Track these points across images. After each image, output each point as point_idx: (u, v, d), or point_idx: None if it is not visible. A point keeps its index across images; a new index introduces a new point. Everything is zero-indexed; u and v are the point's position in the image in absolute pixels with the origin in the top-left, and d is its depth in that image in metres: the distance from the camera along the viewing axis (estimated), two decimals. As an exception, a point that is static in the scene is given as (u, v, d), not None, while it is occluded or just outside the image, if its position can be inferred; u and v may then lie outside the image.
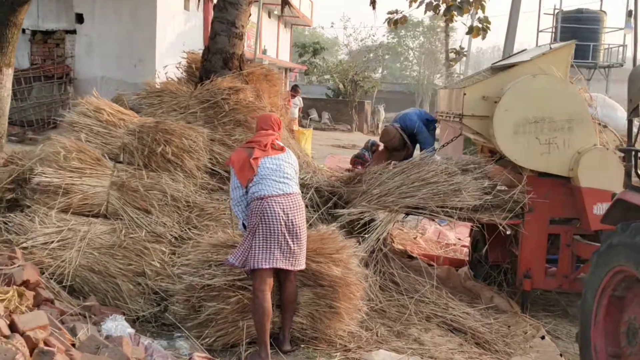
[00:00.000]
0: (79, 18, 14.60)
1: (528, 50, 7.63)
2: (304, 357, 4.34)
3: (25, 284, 3.52)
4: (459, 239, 9.11)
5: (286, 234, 4.01)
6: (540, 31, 20.82)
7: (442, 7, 21.67)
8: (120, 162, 5.46)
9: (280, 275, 4.20)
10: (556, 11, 20.83)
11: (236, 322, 4.27)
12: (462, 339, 5.37)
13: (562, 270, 6.20)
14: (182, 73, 7.68)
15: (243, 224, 4.26)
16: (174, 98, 6.47)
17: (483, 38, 21.97)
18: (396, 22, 23.27)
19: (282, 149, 4.33)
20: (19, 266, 3.64)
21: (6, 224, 4.74)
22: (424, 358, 4.74)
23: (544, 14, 20.56)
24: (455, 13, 21.33)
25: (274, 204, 4.00)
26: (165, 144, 5.43)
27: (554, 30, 20.69)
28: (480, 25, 21.75)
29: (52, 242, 4.71)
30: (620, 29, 20.06)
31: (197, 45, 17.31)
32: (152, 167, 5.42)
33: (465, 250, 8.41)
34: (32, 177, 4.97)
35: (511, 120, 5.87)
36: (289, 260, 4.07)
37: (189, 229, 5.29)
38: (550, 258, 6.32)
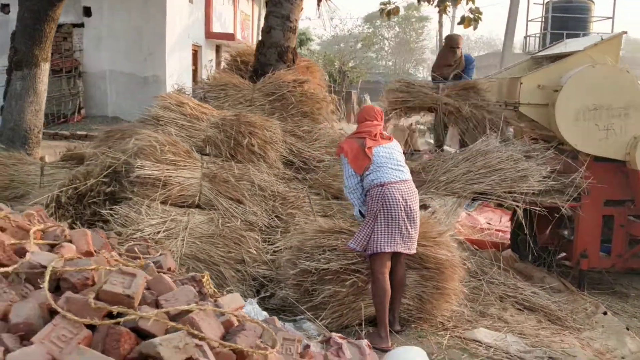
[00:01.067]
0: (87, 11, 14.49)
1: (568, 41, 7.94)
2: (415, 336, 4.57)
3: (170, 270, 3.66)
4: (489, 224, 9.45)
5: (405, 219, 4.23)
6: (530, 21, 21.23)
7: (436, -1, 21.99)
8: (206, 154, 5.59)
9: (392, 259, 4.41)
10: (546, 1, 21.26)
11: (351, 303, 4.48)
12: (536, 317, 5.66)
13: (617, 249, 6.55)
14: (225, 67, 7.81)
15: (359, 211, 4.46)
16: (239, 91, 6.61)
17: (475, 28, 22.42)
18: (389, 13, 23.56)
19: (389, 138, 4.55)
20: (161, 254, 3.78)
21: (112, 216, 4.84)
22: (515, 335, 5.02)
23: (534, 3, 20.94)
24: (449, 4, 21.69)
25: (394, 190, 4.22)
26: (250, 136, 5.57)
27: (543, 20, 21.13)
28: (471, 16, 22.16)
29: (159, 232, 4.84)
30: (609, 17, 20.55)
31: (200, 37, 17.35)
32: (238, 159, 5.57)
33: (500, 234, 8.74)
34: (130, 171, 5.07)
35: (572, 107, 6.17)
36: (406, 244, 4.29)
37: (276, 217, 5.47)
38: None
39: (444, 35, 22.59)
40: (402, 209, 4.22)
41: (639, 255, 6.53)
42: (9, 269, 2.50)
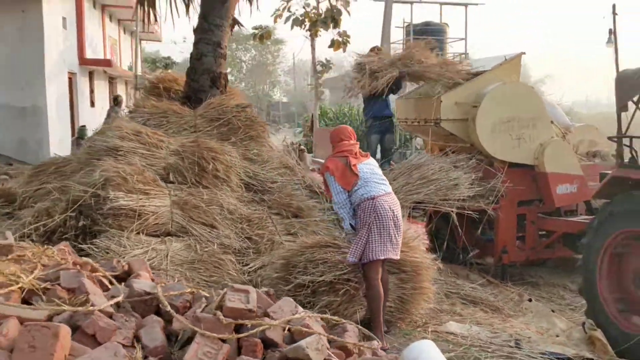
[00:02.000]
0: (-45, 39, 13.33)
1: (477, 60, 8.89)
2: (401, 334, 4.98)
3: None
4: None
5: (394, 228, 4.63)
6: (392, 43, 22.84)
7: (307, 23, 22.95)
8: (170, 182, 5.61)
9: (379, 265, 4.78)
10: (406, 24, 23.01)
11: (344, 311, 4.77)
12: (481, 309, 6.33)
13: (529, 243, 7.47)
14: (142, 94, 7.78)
15: (350, 224, 4.78)
16: (181, 118, 6.66)
17: (344, 51, 23.62)
18: (262, 37, 24.08)
19: (366, 156, 4.94)
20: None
21: (93, 249, 4.73)
22: (473, 324, 5.62)
23: (395, 27, 22.53)
24: (321, 28, 22.68)
25: (383, 202, 4.61)
26: (213, 161, 5.69)
27: (404, 42, 22.81)
28: (340, 39, 23.34)
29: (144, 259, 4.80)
30: (462, 39, 22.69)
31: (74, 64, 16.64)
32: (204, 184, 5.65)
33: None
34: (101, 203, 4.99)
35: (489, 121, 7.01)
36: (395, 250, 4.69)
37: (246, 238, 5.62)
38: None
39: (316, 58, 23.63)
40: (391, 219, 4.62)
41: (549, 247, 7.50)
42: (120, 298, 2.54)
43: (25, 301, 2.45)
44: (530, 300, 6.94)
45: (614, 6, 5.67)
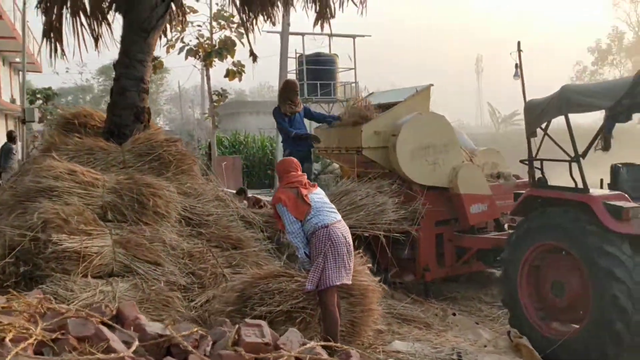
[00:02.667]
0: None
1: (385, 92, 9.39)
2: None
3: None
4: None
5: (346, 254, 4.85)
6: (289, 72, 23.32)
7: (202, 54, 22.93)
8: (109, 220, 5.47)
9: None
10: (298, 55, 23.63)
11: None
12: (415, 326, 6.67)
13: (448, 260, 7.98)
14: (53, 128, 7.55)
15: (305, 253, 4.92)
16: (108, 154, 6.51)
17: (240, 80, 23.79)
18: (155, 67, 23.69)
19: (314, 186, 5.14)
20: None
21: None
22: (414, 342, 5.93)
23: (289, 57, 23.07)
24: (216, 59, 22.73)
25: (336, 230, 4.81)
26: (152, 197, 5.63)
27: (297, 71, 23.42)
28: (235, 69, 23.52)
29: (92, 304, 4.65)
30: (351, 68, 23.66)
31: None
32: (144, 221, 5.57)
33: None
34: (42, 246, 4.79)
35: (408, 148, 7.47)
36: (349, 276, 4.90)
37: (190, 273, 5.60)
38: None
39: (212, 88, 23.56)
40: (344, 245, 4.84)
41: (465, 263, 8.04)
42: (136, 342, 2.53)
43: (36, 353, 2.37)
44: (454, 314, 7.40)
45: (518, 43, 6.33)
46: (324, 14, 8.65)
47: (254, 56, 9.28)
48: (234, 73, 22.71)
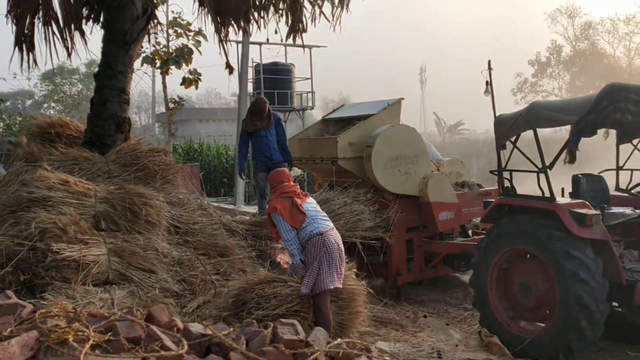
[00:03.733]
0: None
1: (351, 106, 9.73)
2: (344, 357, 5.43)
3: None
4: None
5: (339, 260, 5.13)
6: (250, 80, 23.41)
7: (158, 61, 22.82)
8: (102, 230, 5.58)
9: (318, 295, 5.23)
10: (255, 64, 23.80)
11: (295, 341, 5.14)
12: (392, 328, 7.02)
13: (417, 265, 8.38)
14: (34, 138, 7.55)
15: (300, 259, 5.17)
16: (93, 164, 6.59)
17: (196, 88, 23.72)
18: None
19: (307, 195, 5.41)
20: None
21: (42, 304, 4.59)
22: (395, 342, 6.26)
23: (249, 67, 23.19)
24: (173, 67, 22.65)
25: (330, 237, 5.09)
26: (144, 206, 5.77)
27: (254, 80, 23.56)
28: (191, 77, 23.47)
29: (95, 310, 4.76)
30: (308, 78, 23.98)
31: None
32: (137, 230, 5.70)
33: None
34: (42, 256, 4.87)
35: (382, 159, 7.84)
36: (340, 280, 5.18)
37: (182, 281, 5.75)
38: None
39: (168, 96, 23.45)
40: (337, 251, 5.12)
41: (434, 267, 8.46)
42: (185, 345, 2.73)
43: (93, 355, 2.54)
44: (425, 316, 7.79)
45: (489, 62, 6.77)
46: (296, 28, 8.92)
47: (230, 68, 9.45)
48: (191, 81, 22.70)
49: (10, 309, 3.11)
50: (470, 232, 8.88)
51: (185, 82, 23.86)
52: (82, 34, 8.31)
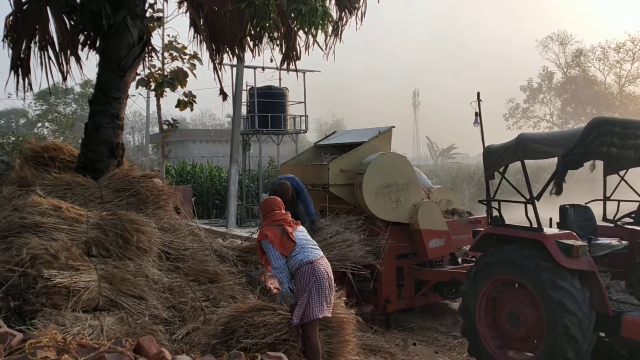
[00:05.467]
0: None
1: (343, 133, 9.85)
2: (332, 387, 5.46)
3: None
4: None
5: (329, 289, 5.17)
6: (243, 103, 23.55)
7: (153, 84, 22.98)
8: (93, 256, 5.61)
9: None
10: (249, 87, 23.98)
11: (284, 369, 5.15)
12: (380, 356, 7.03)
13: (407, 292, 8.42)
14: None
15: (289, 288, 5.20)
16: (85, 189, 6.63)
17: (191, 110, 23.84)
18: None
19: (298, 224, 5.46)
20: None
21: (32, 330, 4.60)
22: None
23: (243, 90, 23.36)
24: (168, 89, 22.80)
25: (320, 266, 5.13)
26: (136, 233, 5.80)
27: (248, 104, 23.70)
28: (186, 99, 23.60)
29: (83, 339, 4.77)
30: (301, 102, 24.15)
31: None
32: (127, 256, 5.73)
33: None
34: (32, 282, 4.89)
35: (373, 186, 7.92)
36: (329, 309, 5.21)
37: (172, 307, 5.77)
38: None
39: (163, 117, 23.53)
40: (327, 280, 5.16)
41: (423, 295, 8.50)
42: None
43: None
44: (414, 344, 7.81)
45: (478, 94, 6.91)
46: (290, 55, 9.06)
47: (223, 95, 9.57)
48: (185, 103, 22.82)
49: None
50: (460, 259, 8.94)
51: (180, 105, 23.99)
52: (78, 59, 8.42)
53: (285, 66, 9.34)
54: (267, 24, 6.44)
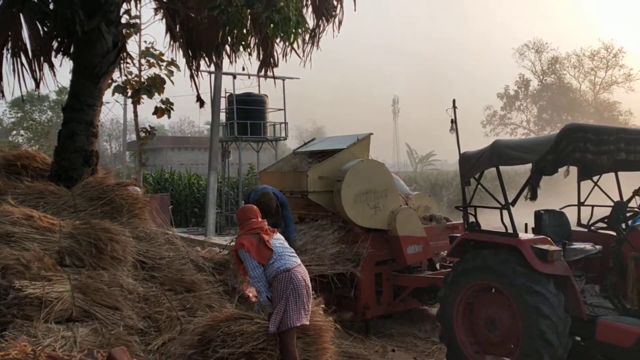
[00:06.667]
0: None
1: (321, 140, 9.85)
2: (310, 395, 5.42)
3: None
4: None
5: (306, 296, 5.14)
6: (223, 110, 23.44)
7: (130, 91, 22.80)
8: (66, 266, 5.51)
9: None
10: (228, 94, 23.88)
11: (262, 378, 5.11)
12: (362, 364, 7.01)
13: (386, 298, 8.42)
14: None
15: (267, 296, 5.16)
16: (58, 198, 6.53)
17: (169, 117, 23.67)
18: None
19: (274, 232, 5.43)
20: None
21: (2, 343, 4.50)
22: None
23: (222, 97, 23.27)
24: (145, 96, 22.64)
25: (297, 273, 5.10)
26: (110, 242, 5.72)
27: (227, 111, 23.59)
28: (163, 107, 23.43)
29: (54, 351, 4.69)
30: (280, 109, 24.11)
31: None
32: (102, 266, 5.64)
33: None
34: (2, 293, 4.80)
35: (352, 193, 7.92)
36: (307, 317, 5.18)
37: (147, 317, 5.70)
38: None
39: (140, 124, 23.34)
40: (304, 288, 5.13)
41: (402, 300, 8.51)
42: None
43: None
44: (393, 350, 7.81)
45: (454, 101, 6.95)
46: (268, 62, 9.04)
47: (201, 102, 9.52)
48: (163, 110, 22.66)
49: (-34, 352, 3.06)
50: (438, 265, 8.97)
51: (158, 112, 23.83)
52: (51, 66, 8.32)
53: (262, 73, 9.32)
54: (241, 33, 6.42)
